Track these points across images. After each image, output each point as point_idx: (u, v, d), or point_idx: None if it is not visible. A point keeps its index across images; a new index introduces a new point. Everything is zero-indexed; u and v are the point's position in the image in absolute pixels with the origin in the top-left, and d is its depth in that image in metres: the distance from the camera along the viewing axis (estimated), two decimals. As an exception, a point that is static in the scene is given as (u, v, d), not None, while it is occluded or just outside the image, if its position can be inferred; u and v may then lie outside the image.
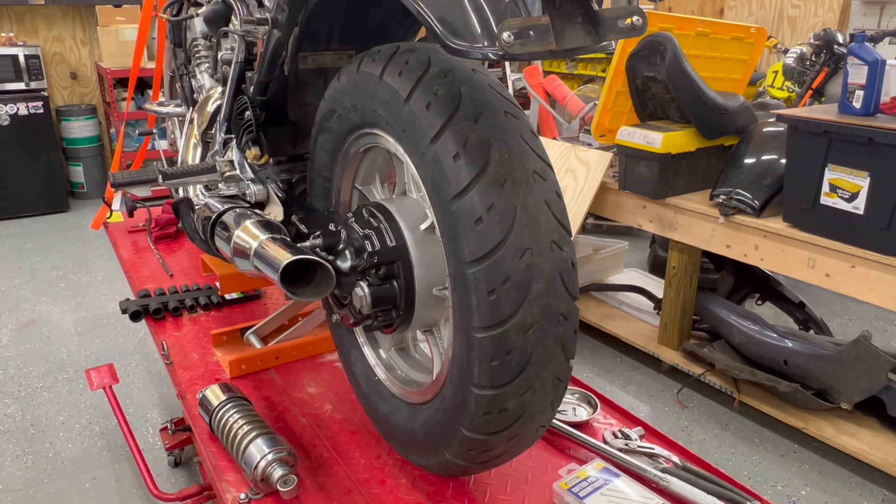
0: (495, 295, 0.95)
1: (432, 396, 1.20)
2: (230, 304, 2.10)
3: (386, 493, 1.33)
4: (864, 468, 2.34)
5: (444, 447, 1.15)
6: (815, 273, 2.27)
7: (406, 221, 1.17)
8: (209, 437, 1.48)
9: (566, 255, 1.00)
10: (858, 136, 2.08)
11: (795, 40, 5.75)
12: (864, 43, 2.22)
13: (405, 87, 1.03)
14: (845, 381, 2.32)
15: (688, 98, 2.59)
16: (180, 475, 2.25)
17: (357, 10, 1.41)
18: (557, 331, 1.00)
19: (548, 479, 1.37)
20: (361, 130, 1.24)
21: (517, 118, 1.02)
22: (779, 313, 3.03)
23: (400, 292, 1.16)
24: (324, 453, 1.44)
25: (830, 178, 2.19)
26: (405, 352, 1.46)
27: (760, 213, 2.43)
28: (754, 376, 2.53)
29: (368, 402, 1.43)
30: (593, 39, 0.86)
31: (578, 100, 3.79)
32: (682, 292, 2.82)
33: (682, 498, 1.33)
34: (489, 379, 1.00)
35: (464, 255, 0.96)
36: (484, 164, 0.95)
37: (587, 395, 1.67)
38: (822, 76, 3.65)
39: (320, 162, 1.40)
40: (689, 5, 6.61)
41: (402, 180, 1.28)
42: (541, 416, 1.08)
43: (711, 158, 2.77)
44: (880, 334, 3.44)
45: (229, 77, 1.64)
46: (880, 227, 2.08)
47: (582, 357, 3.09)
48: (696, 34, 2.87)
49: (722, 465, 2.37)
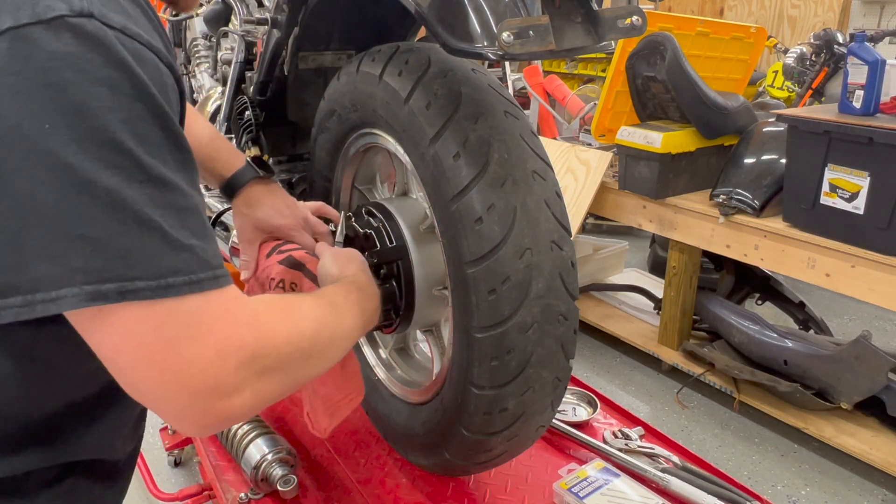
0: (495, 295, 0.95)
1: (432, 396, 1.20)
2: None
3: (386, 493, 1.33)
4: (864, 468, 2.34)
5: (444, 447, 1.15)
6: (815, 273, 2.27)
7: (406, 221, 1.17)
8: (209, 437, 1.48)
9: (566, 255, 1.00)
10: (858, 135, 2.08)
11: (795, 40, 5.74)
12: (864, 43, 2.22)
13: (405, 87, 1.03)
14: (845, 381, 2.31)
15: (688, 98, 2.59)
16: (180, 475, 2.24)
17: (357, 10, 1.41)
18: (557, 331, 1.00)
19: (548, 479, 1.37)
20: (361, 130, 1.24)
21: (517, 118, 1.02)
22: (779, 313, 3.02)
23: (400, 292, 1.16)
24: (324, 453, 1.44)
25: (830, 177, 2.19)
26: (405, 352, 1.46)
27: (760, 212, 2.43)
28: (754, 376, 2.53)
29: (368, 402, 1.43)
30: (593, 39, 0.86)
31: (578, 100, 3.79)
32: (682, 292, 2.82)
33: (682, 498, 1.33)
34: (489, 379, 1.00)
35: (464, 255, 0.96)
36: (484, 164, 0.95)
37: (587, 395, 1.67)
38: (822, 76, 3.65)
39: (320, 162, 1.40)
40: (689, 5, 6.61)
41: (402, 180, 1.28)
42: (541, 416, 1.08)
43: (711, 158, 2.77)
44: (880, 334, 3.44)
45: (229, 77, 1.64)
46: (880, 227, 2.08)
47: (582, 357, 3.09)
48: (696, 34, 2.87)
49: (722, 465, 2.37)
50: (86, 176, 0.54)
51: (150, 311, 0.57)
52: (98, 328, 0.57)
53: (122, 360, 0.58)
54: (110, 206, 0.54)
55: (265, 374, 0.64)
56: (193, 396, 0.60)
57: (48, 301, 0.54)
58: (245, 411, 0.64)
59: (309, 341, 0.72)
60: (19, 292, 0.54)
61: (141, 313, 0.56)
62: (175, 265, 0.57)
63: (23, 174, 0.53)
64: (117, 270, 0.55)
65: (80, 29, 0.54)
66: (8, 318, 0.54)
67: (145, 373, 0.58)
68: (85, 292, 0.54)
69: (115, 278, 0.55)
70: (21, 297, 0.54)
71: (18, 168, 0.53)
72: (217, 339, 0.60)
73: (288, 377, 0.69)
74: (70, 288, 0.54)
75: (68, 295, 0.53)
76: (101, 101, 0.55)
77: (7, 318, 0.54)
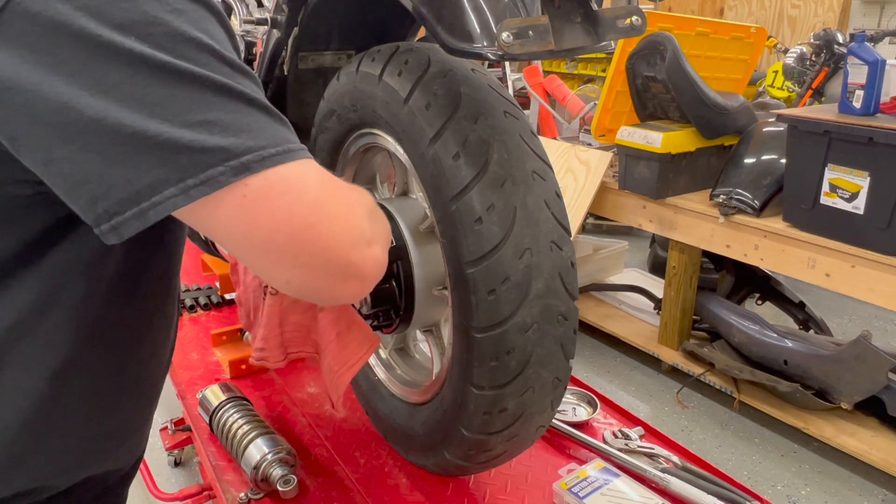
0: (495, 295, 0.95)
1: (432, 396, 1.20)
2: (230, 304, 2.10)
3: (386, 493, 1.33)
4: (864, 468, 2.34)
5: (444, 447, 1.15)
6: (815, 273, 2.27)
7: (406, 221, 1.17)
8: (209, 437, 1.48)
9: (566, 255, 1.00)
10: (858, 135, 2.08)
11: (795, 40, 5.75)
12: (864, 43, 2.22)
13: (405, 87, 1.03)
14: (845, 381, 2.32)
15: (688, 98, 2.59)
16: (180, 475, 2.24)
17: (357, 10, 1.41)
18: (557, 331, 1.00)
19: (548, 479, 1.37)
20: (361, 130, 1.24)
21: (517, 118, 1.02)
22: (779, 313, 3.02)
23: (400, 292, 1.16)
24: (324, 453, 1.44)
25: (830, 177, 2.19)
26: (405, 352, 1.46)
27: (760, 212, 2.43)
28: (754, 376, 2.53)
29: (368, 402, 1.43)
30: (593, 39, 0.86)
31: (578, 100, 3.79)
32: (682, 292, 2.82)
33: (682, 498, 1.33)
34: (489, 379, 1.00)
35: (463, 255, 0.96)
36: (483, 164, 0.95)
37: (587, 395, 1.67)
38: (822, 76, 3.65)
39: (320, 162, 1.39)
40: (689, 5, 6.61)
41: (402, 180, 1.28)
42: (540, 416, 1.08)
43: (711, 158, 2.77)
44: (880, 334, 3.44)
45: (229, 77, 1.64)
46: (880, 227, 2.08)
47: (582, 357, 3.09)
48: (696, 34, 2.87)
49: (722, 465, 2.37)
50: (183, 69, 0.57)
51: (287, 177, 0.60)
52: (246, 211, 0.58)
53: (279, 236, 0.60)
54: (215, 91, 0.58)
55: (379, 224, 0.73)
56: (350, 248, 0.64)
57: (201, 184, 0.56)
58: (382, 262, 0.69)
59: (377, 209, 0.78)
60: (171, 183, 0.56)
61: (280, 181, 0.59)
62: (285, 135, 0.62)
63: (128, 80, 0.55)
64: (248, 143, 0.58)
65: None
66: (169, 208, 0.56)
67: (305, 241, 0.61)
68: (230, 168, 0.57)
69: (250, 150, 0.58)
70: (174, 187, 0.56)
71: (121, 77, 0.55)
72: (341, 195, 0.65)
73: (383, 237, 0.76)
74: (215, 168, 0.56)
75: (215, 174, 0.56)
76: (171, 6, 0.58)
77: (168, 209, 0.56)
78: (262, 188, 0.58)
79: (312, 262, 0.62)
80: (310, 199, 0.61)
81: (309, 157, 0.64)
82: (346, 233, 0.63)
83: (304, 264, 0.62)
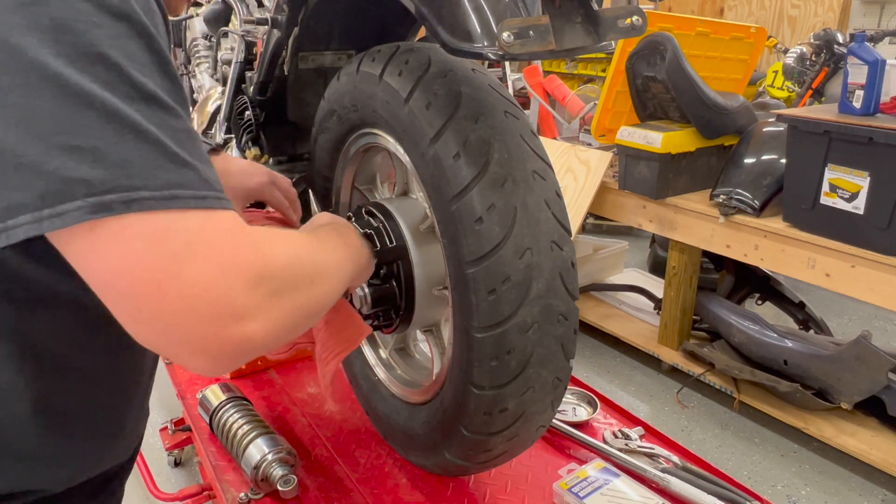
0: (495, 295, 0.95)
1: (432, 396, 1.20)
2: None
3: (386, 493, 1.33)
4: (864, 468, 2.34)
5: (444, 447, 1.15)
6: (815, 273, 2.27)
7: (406, 221, 1.17)
8: (209, 437, 1.48)
9: (566, 255, 1.00)
10: (858, 135, 2.08)
11: (795, 40, 5.75)
12: (864, 43, 2.22)
13: (405, 87, 1.03)
14: (845, 381, 2.32)
15: (688, 98, 2.59)
16: (180, 475, 2.24)
17: (357, 10, 1.41)
18: (557, 331, 1.00)
19: (548, 479, 1.37)
20: (361, 130, 1.24)
21: (517, 118, 1.02)
22: (779, 313, 3.02)
23: (400, 292, 1.16)
24: (324, 453, 1.44)
25: (830, 177, 2.19)
26: (405, 352, 1.46)
27: (760, 212, 2.43)
28: (754, 376, 2.53)
29: (368, 402, 1.43)
30: (593, 39, 0.86)
31: (578, 100, 3.79)
32: (682, 292, 2.82)
33: (682, 498, 1.33)
34: (489, 379, 1.00)
35: (464, 255, 0.96)
36: (484, 164, 0.95)
37: (587, 395, 1.67)
38: (822, 76, 3.65)
39: (320, 162, 1.40)
40: (689, 5, 6.61)
41: (402, 180, 1.28)
42: (541, 416, 1.08)
43: (711, 158, 2.77)
44: (880, 334, 3.44)
45: (229, 77, 1.65)
46: (880, 227, 2.08)
47: (582, 357, 3.09)
48: (696, 34, 2.87)
49: (722, 465, 2.37)
50: (77, 87, 0.53)
51: (150, 225, 0.54)
52: (95, 249, 0.54)
53: (120, 283, 0.55)
54: (105, 117, 0.53)
55: (273, 297, 0.61)
56: (201, 320, 0.56)
57: (54, 216, 0.52)
58: (261, 340, 0.61)
59: (309, 265, 0.71)
60: (27, 210, 0.52)
61: (141, 227, 0.54)
62: (178, 179, 0.56)
63: (17, 89, 0.52)
64: (119, 181, 0.53)
65: None
66: (20, 235, 0.53)
67: (147, 296, 0.55)
68: (88, 204, 0.52)
69: (118, 188, 0.53)
70: (29, 215, 0.52)
71: (12, 83, 0.52)
72: (219, 257, 0.57)
73: (296, 301, 0.66)
74: (73, 202, 0.52)
75: (71, 209, 0.52)
76: (87, 17, 0.54)
77: (19, 235, 0.53)
78: (117, 231, 0.53)
79: (154, 322, 0.56)
80: (166, 254, 0.54)
81: (213, 206, 0.58)
82: (203, 301, 0.56)
83: (145, 321, 0.57)
